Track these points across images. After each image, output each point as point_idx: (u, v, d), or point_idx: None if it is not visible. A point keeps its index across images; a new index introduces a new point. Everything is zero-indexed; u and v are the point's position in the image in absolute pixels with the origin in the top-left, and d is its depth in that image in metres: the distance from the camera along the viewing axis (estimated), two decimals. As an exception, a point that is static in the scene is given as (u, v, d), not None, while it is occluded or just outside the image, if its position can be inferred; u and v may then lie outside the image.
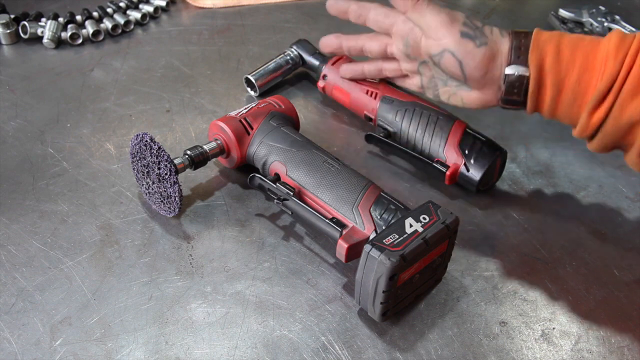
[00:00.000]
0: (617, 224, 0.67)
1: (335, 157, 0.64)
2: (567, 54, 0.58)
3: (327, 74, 0.78)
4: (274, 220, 0.65)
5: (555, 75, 0.58)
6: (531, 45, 0.59)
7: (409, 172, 0.72)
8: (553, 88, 0.58)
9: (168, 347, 0.53)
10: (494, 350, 0.55)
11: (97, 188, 0.67)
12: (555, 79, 0.58)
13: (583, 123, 0.58)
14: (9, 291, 0.57)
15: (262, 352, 0.53)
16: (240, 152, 0.66)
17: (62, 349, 0.53)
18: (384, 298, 0.52)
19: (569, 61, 0.57)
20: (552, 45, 0.58)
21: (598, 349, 0.55)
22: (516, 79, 0.59)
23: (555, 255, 0.63)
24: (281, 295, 0.58)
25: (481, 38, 0.60)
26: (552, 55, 0.58)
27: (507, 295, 0.59)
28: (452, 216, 0.55)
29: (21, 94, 0.80)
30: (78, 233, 0.62)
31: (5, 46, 0.89)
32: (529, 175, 0.72)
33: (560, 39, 0.59)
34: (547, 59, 0.58)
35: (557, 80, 0.58)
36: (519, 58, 0.59)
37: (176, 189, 0.61)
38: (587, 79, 0.57)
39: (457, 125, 0.68)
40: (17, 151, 0.71)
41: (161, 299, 0.57)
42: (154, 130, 0.75)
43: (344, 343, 0.55)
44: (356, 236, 0.57)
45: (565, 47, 0.58)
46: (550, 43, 0.58)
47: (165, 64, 0.87)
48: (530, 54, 0.59)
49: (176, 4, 1.01)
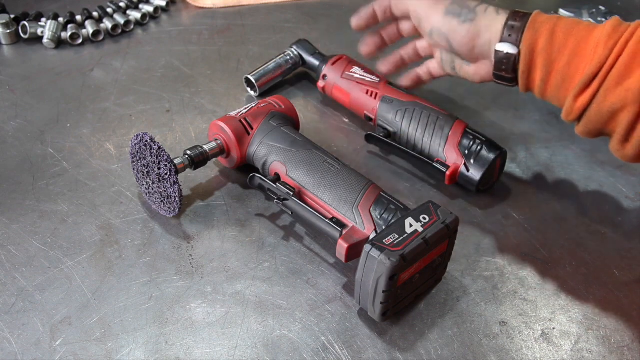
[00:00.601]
0: (617, 224, 0.67)
1: (335, 157, 0.64)
2: (561, 37, 0.59)
3: (327, 74, 0.78)
4: (274, 220, 0.65)
5: (547, 57, 0.59)
6: (527, 25, 0.60)
7: (409, 172, 0.72)
8: (543, 69, 0.60)
9: (168, 347, 0.53)
10: (494, 350, 0.55)
11: (97, 188, 0.67)
12: (547, 61, 0.59)
13: (568, 106, 0.59)
14: (9, 291, 0.57)
15: (262, 352, 0.53)
16: (240, 152, 0.66)
17: (62, 349, 0.53)
18: (384, 298, 0.52)
19: (562, 44, 0.59)
20: (548, 27, 0.59)
21: (598, 349, 0.55)
22: (504, 56, 0.62)
23: (555, 255, 0.63)
24: (281, 295, 0.58)
25: (467, 15, 0.63)
26: (545, 37, 0.59)
27: (507, 295, 0.59)
28: (452, 216, 0.55)
29: (21, 94, 0.80)
30: (78, 233, 0.62)
31: (5, 46, 0.89)
32: (529, 176, 0.72)
33: (557, 21, 0.60)
34: (541, 40, 0.59)
35: (548, 62, 0.59)
36: (510, 37, 0.61)
37: (176, 189, 0.61)
38: (577, 63, 0.58)
39: (457, 125, 0.68)
40: (17, 151, 0.71)
41: (161, 299, 0.57)
42: (154, 130, 0.75)
43: (344, 343, 0.55)
44: (356, 236, 0.57)
45: (559, 30, 0.59)
46: (546, 25, 0.60)
47: (165, 64, 0.87)
48: (525, 34, 0.60)
49: (176, 4, 1.01)
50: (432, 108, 0.70)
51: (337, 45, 0.92)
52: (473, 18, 0.63)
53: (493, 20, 0.62)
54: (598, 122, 0.58)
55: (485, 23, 0.63)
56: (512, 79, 0.64)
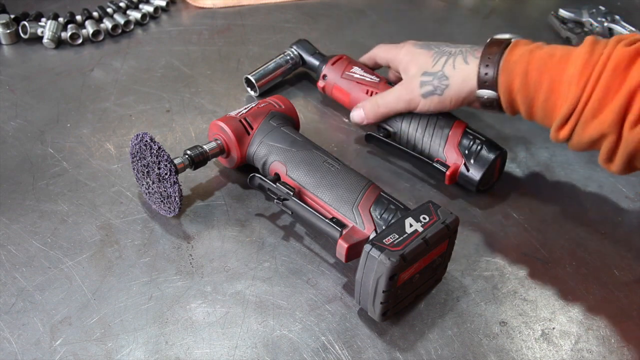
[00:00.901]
0: (617, 224, 0.67)
1: (335, 157, 0.64)
2: (535, 75, 0.60)
3: (327, 73, 0.78)
4: (274, 220, 0.65)
5: (525, 96, 0.61)
6: (500, 68, 0.62)
7: (409, 172, 0.72)
8: (523, 106, 0.62)
9: (168, 347, 0.53)
10: (494, 350, 0.55)
11: (97, 188, 0.67)
12: (525, 99, 0.61)
13: (552, 135, 0.61)
14: (9, 291, 0.57)
15: (262, 352, 0.53)
16: (240, 152, 0.66)
17: (62, 348, 0.53)
18: (384, 298, 0.52)
19: (537, 82, 0.60)
20: (521, 67, 0.60)
21: (598, 349, 0.55)
22: (487, 100, 0.64)
23: (555, 255, 0.63)
24: (281, 295, 0.58)
25: (441, 84, 0.65)
26: (520, 79, 0.60)
27: (507, 295, 0.59)
28: (452, 216, 0.55)
29: (21, 94, 0.80)
30: (78, 233, 0.62)
31: (5, 46, 0.89)
32: (529, 175, 0.72)
33: (530, 58, 0.60)
34: (515, 82, 0.61)
35: (526, 100, 0.61)
36: (486, 84, 0.63)
37: (176, 189, 0.61)
38: (554, 100, 0.59)
39: (457, 125, 0.68)
40: (17, 151, 0.71)
41: (161, 299, 0.57)
42: (154, 130, 0.75)
43: (344, 343, 0.55)
44: (356, 236, 0.57)
45: (533, 69, 0.60)
46: (519, 65, 0.61)
47: (165, 64, 0.87)
48: (499, 78, 0.62)
49: (176, 4, 1.01)
50: None
51: (337, 45, 0.91)
52: (447, 84, 0.65)
53: (466, 73, 0.64)
54: (582, 148, 0.60)
55: (460, 80, 0.65)
56: (500, 111, 0.65)
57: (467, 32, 0.99)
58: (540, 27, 1.02)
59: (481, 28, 1.01)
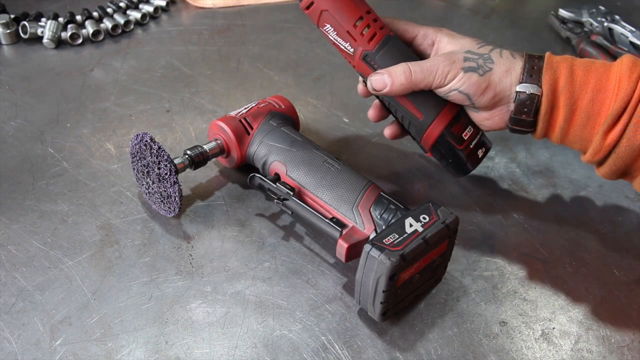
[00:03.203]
0: (617, 224, 0.67)
1: (335, 157, 0.64)
2: (581, 74, 0.58)
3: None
4: (274, 220, 0.65)
5: (569, 95, 0.58)
6: (544, 65, 0.59)
7: (409, 172, 0.72)
8: (566, 109, 0.58)
9: (168, 347, 0.53)
10: (494, 350, 0.55)
11: (97, 188, 0.67)
12: (569, 100, 0.58)
13: (596, 145, 0.58)
14: (9, 291, 0.57)
15: (262, 352, 0.53)
16: (240, 152, 0.66)
17: (62, 348, 0.53)
18: (384, 298, 0.52)
19: (583, 82, 0.57)
20: (566, 66, 0.58)
21: (598, 349, 0.55)
22: (527, 97, 0.59)
23: (555, 255, 0.63)
24: (281, 295, 0.58)
25: (484, 66, 0.60)
26: (565, 76, 0.58)
27: (507, 295, 0.59)
28: (452, 216, 0.55)
29: (21, 94, 0.80)
30: (78, 233, 0.62)
31: (5, 46, 0.89)
32: (529, 175, 0.73)
33: (572, 60, 0.59)
34: (561, 79, 0.58)
35: (570, 101, 0.58)
36: (532, 77, 0.59)
37: (176, 188, 0.61)
38: (601, 100, 0.57)
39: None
40: (17, 151, 0.71)
41: (161, 299, 0.57)
42: (154, 130, 0.75)
43: (344, 343, 0.55)
44: (356, 236, 0.57)
45: (578, 69, 0.58)
46: (564, 64, 0.58)
47: (165, 64, 0.87)
48: (544, 74, 0.58)
49: (176, 4, 1.01)
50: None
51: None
52: (491, 67, 0.60)
53: (511, 64, 0.60)
54: (628, 157, 0.57)
55: (504, 68, 0.60)
56: (531, 123, 0.60)
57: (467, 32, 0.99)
58: (540, 27, 1.02)
59: (481, 28, 1.01)
